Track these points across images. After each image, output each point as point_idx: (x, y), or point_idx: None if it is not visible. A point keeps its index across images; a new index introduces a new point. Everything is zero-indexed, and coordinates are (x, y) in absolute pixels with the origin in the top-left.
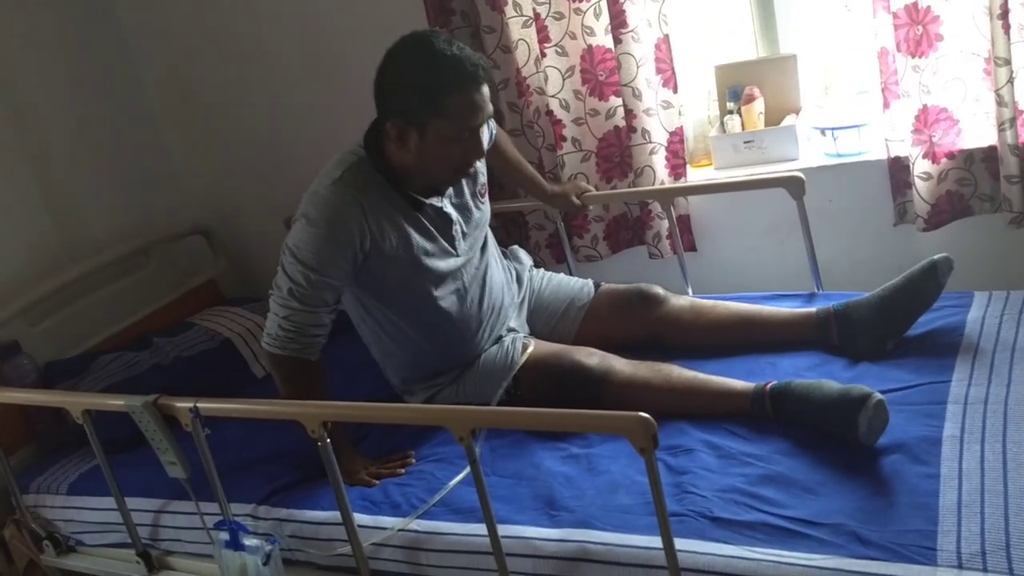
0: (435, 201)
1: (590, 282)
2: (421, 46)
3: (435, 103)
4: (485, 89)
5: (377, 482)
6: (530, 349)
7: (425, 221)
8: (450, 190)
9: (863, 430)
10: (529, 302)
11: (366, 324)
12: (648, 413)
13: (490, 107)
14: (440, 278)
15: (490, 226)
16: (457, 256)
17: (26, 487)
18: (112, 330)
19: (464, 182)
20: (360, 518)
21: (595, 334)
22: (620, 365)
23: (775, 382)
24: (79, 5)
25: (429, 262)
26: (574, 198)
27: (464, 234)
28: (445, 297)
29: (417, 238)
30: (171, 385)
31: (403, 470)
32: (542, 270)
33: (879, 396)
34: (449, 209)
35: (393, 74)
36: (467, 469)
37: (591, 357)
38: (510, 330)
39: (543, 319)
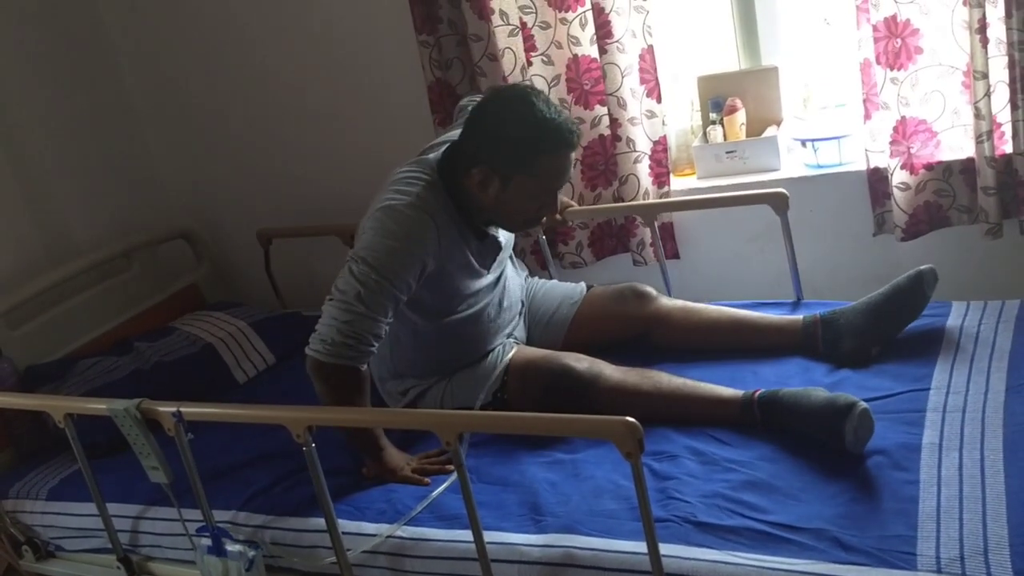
0: (492, 230)
1: (582, 284)
2: (523, 103)
3: (527, 161)
4: (573, 154)
5: (429, 480)
6: (513, 351)
7: (480, 246)
8: None
9: (849, 439)
10: (527, 309)
11: None
12: (636, 418)
13: (569, 173)
14: (475, 295)
15: None
16: (487, 275)
17: (5, 492)
18: (93, 334)
19: None
20: (344, 524)
21: (585, 331)
22: (609, 371)
23: (763, 390)
24: (61, 8)
25: (472, 282)
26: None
27: (499, 257)
28: (473, 309)
29: (472, 263)
30: (152, 390)
31: (451, 466)
32: (537, 278)
33: (864, 405)
34: (501, 238)
35: (491, 124)
36: (454, 475)
37: (580, 362)
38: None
39: (535, 320)
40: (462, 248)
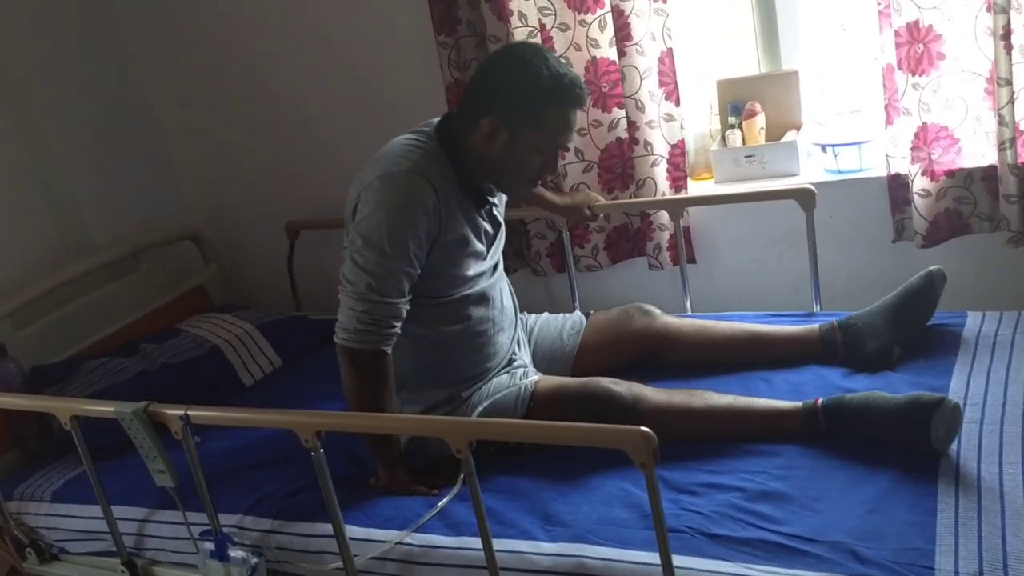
0: (493, 199)
1: (578, 312)
2: (536, 56)
3: (536, 113)
4: (580, 113)
5: (437, 491)
6: (536, 378)
7: (480, 220)
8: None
9: (939, 434)
10: (530, 341)
11: None
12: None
13: (574, 133)
14: (472, 279)
15: None
16: (486, 260)
17: (9, 494)
18: (99, 335)
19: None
20: (352, 530)
21: (594, 357)
22: (650, 392)
23: (824, 398)
24: (82, 8)
25: (470, 261)
26: (586, 209)
27: (498, 240)
28: (471, 297)
29: (471, 235)
30: (158, 392)
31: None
32: (527, 313)
33: (954, 400)
34: (497, 212)
35: (502, 76)
36: (460, 481)
37: (618, 384)
38: (514, 360)
39: (538, 356)
40: (461, 220)
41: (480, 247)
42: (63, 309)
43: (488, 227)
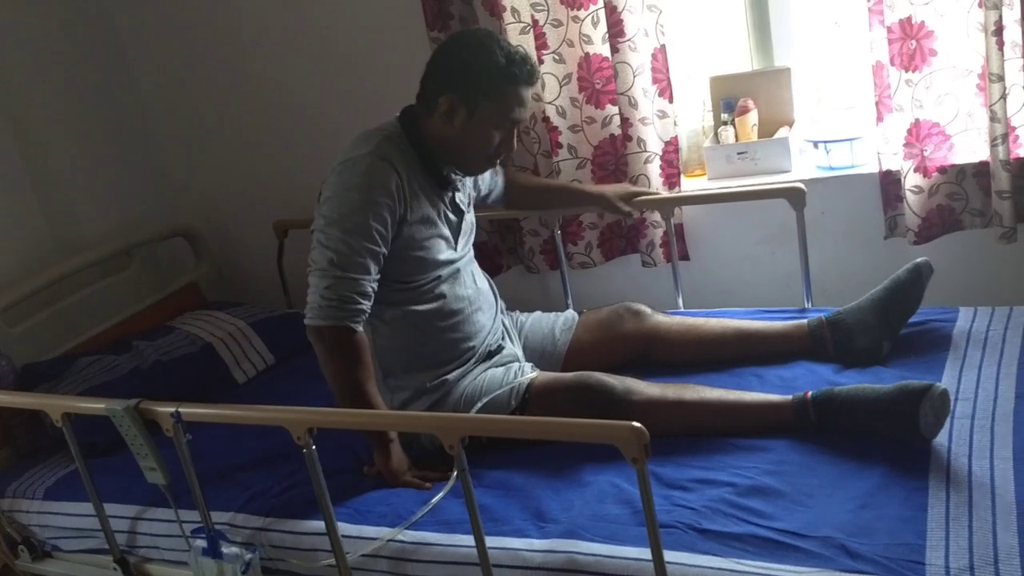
0: (457, 184)
1: (570, 309)
2: (489, 38)
3: (493, 87)
4: (532, 90)
5: (430, 485)
6: (534, 374)
7: (445, 205)
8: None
9: (929, 420)
10: (520, 336)
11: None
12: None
13: (529, 111)
14: (444, 263)
15: (485, 231)
16: (456, 248)
17: (1, 491)
18: (92, 332)
19: (468, 183)
20: (344, 528)
21: (585, 357)
22: (642, 386)
23: (813, 391)
24: (75, 7)
25: (440, 244)
26: (621, 204)
27: (465, 231)
28: (443, 277)
29: (436, 218)
30: (150, 389)
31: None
32: (518, 312)
33: (942, 386)
34: (460, 200)
35: (459, 55)
36: (452, 478)
37: (612, 377)
38: (503, 348)
39: (530, 349)
40: (425, 202)
41: (445, 230)
42: (55, 306)
43: (450, 213)
